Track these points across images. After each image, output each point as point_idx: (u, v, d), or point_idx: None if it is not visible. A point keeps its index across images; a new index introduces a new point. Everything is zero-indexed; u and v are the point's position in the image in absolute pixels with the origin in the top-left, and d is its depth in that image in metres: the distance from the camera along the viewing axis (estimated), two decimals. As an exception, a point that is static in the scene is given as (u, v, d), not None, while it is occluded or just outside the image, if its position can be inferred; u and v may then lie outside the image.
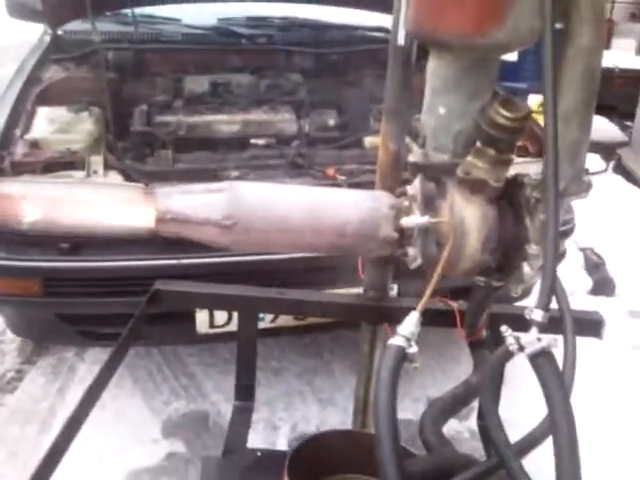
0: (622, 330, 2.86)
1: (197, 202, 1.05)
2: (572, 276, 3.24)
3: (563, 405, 0.79)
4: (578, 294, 3.18)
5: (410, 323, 0.91)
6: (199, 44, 2.85)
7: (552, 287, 0.83)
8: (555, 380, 0.80)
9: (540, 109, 0.94)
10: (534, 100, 3.86)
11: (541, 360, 0.81)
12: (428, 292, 0.95)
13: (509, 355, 0.86)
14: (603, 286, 3.25)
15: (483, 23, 0.94)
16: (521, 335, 0.85)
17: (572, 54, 0.97)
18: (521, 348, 0.83)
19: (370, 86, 2.57)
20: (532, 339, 0.82)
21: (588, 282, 3.30)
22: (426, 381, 2.56)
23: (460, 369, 2.65)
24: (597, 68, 0.99)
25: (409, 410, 2.36)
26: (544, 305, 0.83)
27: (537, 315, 0.83)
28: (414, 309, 0.97)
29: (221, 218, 1.02)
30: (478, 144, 1.03)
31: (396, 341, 0.88)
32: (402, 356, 0.86)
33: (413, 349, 0.87)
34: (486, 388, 0.95)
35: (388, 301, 1.42)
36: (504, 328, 0.86)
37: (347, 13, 3.24)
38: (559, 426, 0.79)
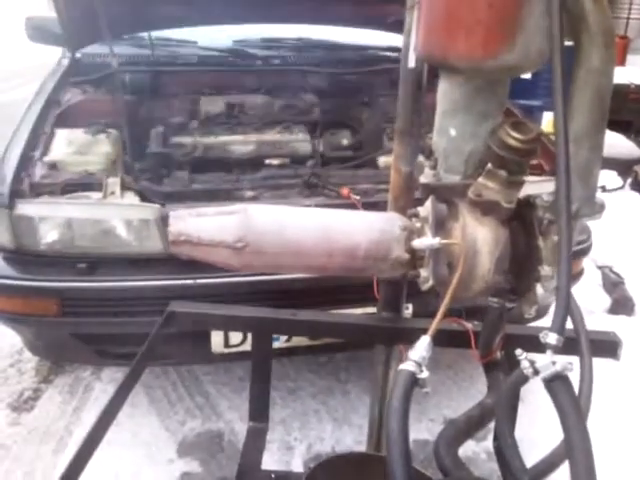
0: (642, 350, 2.82)
1: (210, 225, 1.06)
2: (590, 295, 3.21)
3: (579, 430, 0.78)
4: (597, 313, 3.14)
5: (421, 348, 0.90)
6: (214, 66, 2.89)
7: (566, 311, 0.82)
8: (571, 405, 0.79)
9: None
10: (549, 117, 3.84)
11: (556, 384, 0.80)
12: (439, 315, 0.95)
13: (524, 379, 0.85)
14: (622, 305, 3.20)
15: (492, 47, 0.95)
16: (536, 358, 0.84)
17: (582, 76, 0.98)
18: (536, 372, 0.83)
19: (383, 105, 2.59)
20: (547, 363, 0.81)
21: (607, 301, 3.25)
22: (442, 401, 2.54)
23: (476, 388, 2.63)
24: (607, 90, 0.99)
25: (426, 430, 2.34)
26: (559, 329, 0.82)
27: (552, 339, 0.82)
28: (428, 329, 0.97)
29: (233, 241, 1.03)
30: (489, 166, 1.03)
31: (407, 366, 0.87)
32: (413, 382, 0.85)
33: (424, 374, 0.87)
34: (501, 412, 0.94)
35: (402, 322, 1.42)
36: (519, 351, 0.85)
37: (360, 33, 3.26)
38: (575, 452, 0.78)
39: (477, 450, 2.25)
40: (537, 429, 2.06)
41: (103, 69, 2.60)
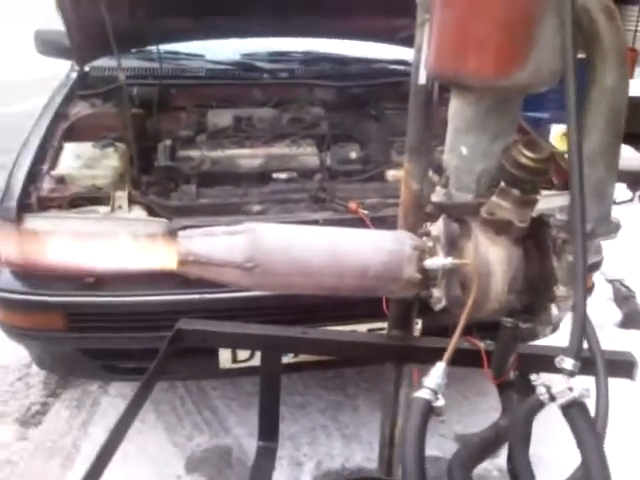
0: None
1: (218, 244, 1.05)
2: (601, 309, 3.17)
3: (598, 459, 0.76)
4: (607, 327, 3.10)
5: (436, 374, 0.88)
6: (222, 79, 2.89)
7: (582, 335, 0.80)
8: (589, 433, 0.77)
9: (564, 139, 0.92)
10: (557, 130, 3.82)
11: (573, 411, 0.78)
12: (454, 340, 0.93)
13: (540, 405, 0.83)
14: (633, 319, 3.17)
15: (504, 65, 0.94)
16: (552, 382, 0.82)
17: (596, 95, 0.97)
18: (552, 398, 0.81)
19: (392, 119, 2.57)
20: (563, 389, 0.79)
21: (617, 315, 3.21)
22: (453, 416, 2.51)
23: (488, 403, 2.59)
24: (622, 109, 0.98)
25: (436, 447, 2.31)
26: (575, 353, 0.80)
27: (568, 364, 0.80)
28: (439, 349, 0.95)
29: (242, 260, 1.02)
30: (502, 184, 1.02)
31: (422, 394, 0.85)
32: (428, 410, 0.83)
33: (440, 402, 0.85)
34: (516, 439, 0.92)
35: (413, 340, 1.40)
36: (534, 376, 0.83)
37: (367, 46, 3.26)
38: None
39: (489, 467, 2.22)
40: (551, 448, 2.03)
41: (111, 82, 2.60)
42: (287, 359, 1.99)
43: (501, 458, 2.10)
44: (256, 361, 2.00)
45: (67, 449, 2.32)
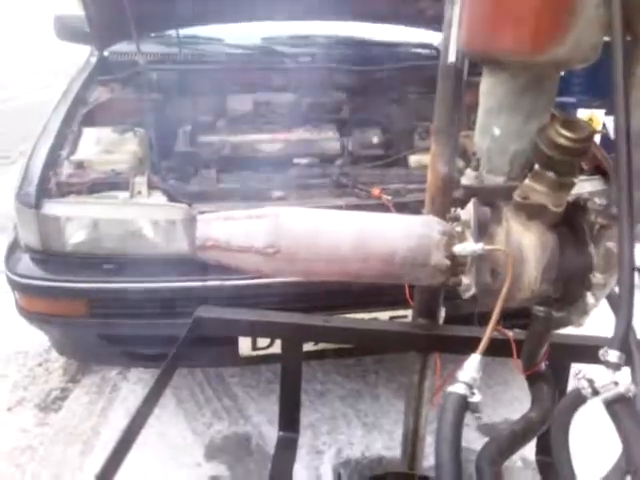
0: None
1: (239, 229, 1.01)
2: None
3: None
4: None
5: (471, 368, 0.84)
6: (242, 63, 2.85)
7: (629, 325, 0.75)
8: (635, 429, 0.72)
9: (590, 123, 0.87)
10: (583, 115, 3.73)
11: (618, 407, 0.73)
12: (489, 331, 0.88)
13: (582, 400, 0.78)
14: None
15: (542, 40, 0.88)
16: (594, 376, 0.77)
17: (640, 73, 0.91)
18: (595, 392, 0.75)
19: (414, 103, 2.52)
20: (607, 383, 0.74)
21: (644, 303, 3.14)
22: (474, 406, 2.46)
23: (510, 393, 2.55)
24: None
25: (458, 436, 2.27)
26: (620, 345, 0.75)
27: (613, 356, 0.75)
28: (467, 338, 0.91)
29: (264, 246, 0.98)
30: (537, 167, 0.97)
31: (456, 389, 0.81)
32: (464, 406, 0.79)
33: (476, 397, 0.80)
34: (557, 434, 0.86)
35: (439, 329, 1.35)
36: (576, 370, 0.78)
37: (390, 30, 3.19)
38: None
39: (513, 458, 2.17)
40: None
41: (130, 67, 2.58)
42: (308, 347, 1.96)
43: (525, 448, 2.07)
44: (276, 348, 1.97)
45: (87, 435, 2.32)
